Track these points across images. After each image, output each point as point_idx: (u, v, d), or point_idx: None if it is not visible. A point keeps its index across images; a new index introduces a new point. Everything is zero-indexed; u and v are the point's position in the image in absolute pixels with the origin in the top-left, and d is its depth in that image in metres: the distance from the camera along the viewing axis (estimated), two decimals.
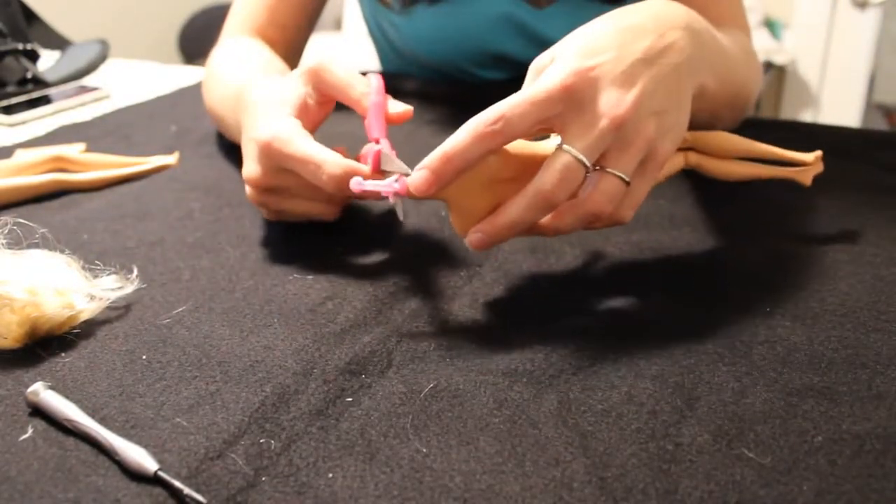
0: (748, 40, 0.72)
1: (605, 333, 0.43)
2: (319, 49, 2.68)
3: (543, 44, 0.82)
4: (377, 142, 0.50)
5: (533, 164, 0.43)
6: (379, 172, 0.48)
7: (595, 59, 0.42)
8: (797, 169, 0.55)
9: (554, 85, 0.41)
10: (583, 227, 0.45)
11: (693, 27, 0.47)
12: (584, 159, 0.41)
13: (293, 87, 0.53)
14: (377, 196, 0.45)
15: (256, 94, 0.55)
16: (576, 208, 0.43)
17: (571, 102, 0.41)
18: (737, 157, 0.55)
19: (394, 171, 0.46)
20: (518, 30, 0.83)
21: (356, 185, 0.43)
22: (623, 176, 0.43)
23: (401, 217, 0.47)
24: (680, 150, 0.54)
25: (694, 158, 0.54)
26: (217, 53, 0.77)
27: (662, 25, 0.45)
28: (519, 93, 0.42)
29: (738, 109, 0.65)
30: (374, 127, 0.51)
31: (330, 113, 0.56)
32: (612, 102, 0.41)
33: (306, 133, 0.50)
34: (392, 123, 0.53)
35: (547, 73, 0.43)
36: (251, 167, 0.52)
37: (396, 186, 0.43)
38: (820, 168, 0.56)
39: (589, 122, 0.41)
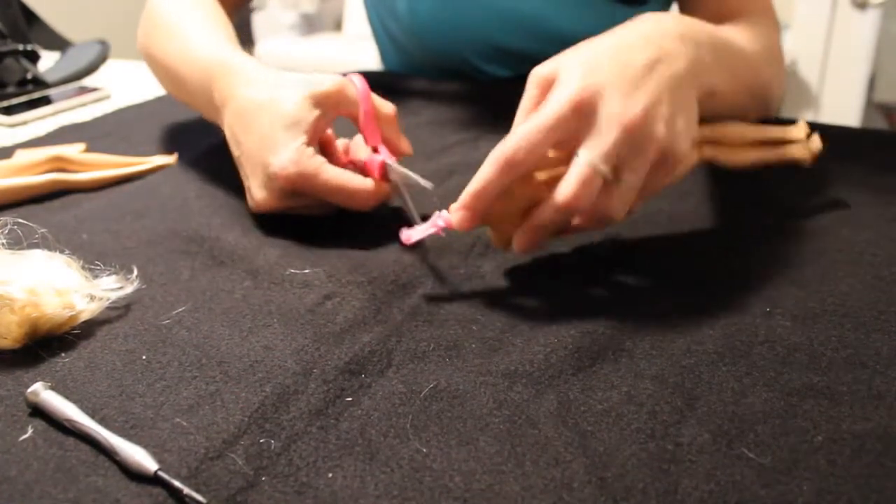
0: (771, 31, 0.71)
1: (605, 333, 0.43)
2: (320, 50, 2.68)
3: (546, 36, 0.83)
4: (376, 149, 0.54)
5: None
6: (386, 180, 0.52)
7: (599, 75, 0.44)
8: (796, 147, 0.58)
9: (564, 105, 0.43)
10: (598, 229, 0.48)
11: (687, 36, 0.49)
12: (602, 168, 0.43)
13: (302, 106, 0.52)
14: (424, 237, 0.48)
15: (253, 97, 0.54)
16: (592, 215, 0.45)
17: (583, 118, 0.43)
18: (747, 144, 0.57)
19: (398, 179, 0.51)
20: (521, 21, 0.83)
21: (406, 239, 0.46)
22: (633, 185, 0.44)
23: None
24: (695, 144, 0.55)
25: (709, 152, 0.55)
26: None
27: (656, 39, 0.47)
28: (533, 118, 0.44)
29: (759, 103, 0.65)
30: (370, 135, 0.54)
31: None
32: (622, 110, 0.43)
33: (324, 160, 0.52)
34: (383, 126, 0.56)
35: (554, 93, 0.44)
36: (261, 194, 0.53)
37: (441, 224, 0.47)
38: (818, 145, 0.58)
39: (603, 132, 0.43)
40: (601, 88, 0.43)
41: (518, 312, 0.45)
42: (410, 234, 0.46)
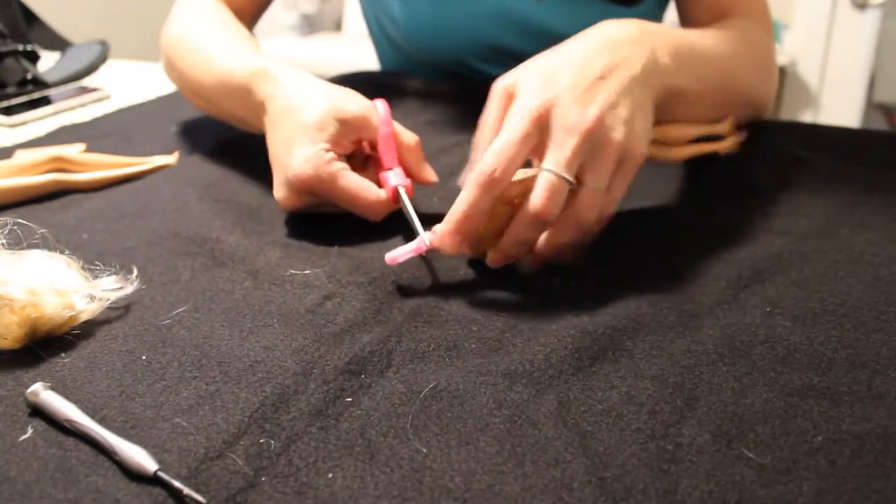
0: (761, 34, 0.71)
1: (605, 333, 0.43)
2: (320, 50, 2.68)
3: (543, 36, 0.82)
4: (392, 170, 0.55)
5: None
6: (395, 202, 0.54)
7: (555, 87, 0.47)
8: (722, 143, 0.66)
9: (525, 121, 0.46)
10: (577, 239, 0.48)
11: (644, 40, 0.51)
12: (564, 174, 0.45)
13: (325, 118, 0.54)
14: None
15: (283, 101, 0.56)
16: (565, 222, 0.47)
17: (543, 130, 0.46)
18: (684, 142, 0.63)
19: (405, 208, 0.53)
20: (517, 21, 0.83)
21: (391, 260, 0.47)
22: (599, 186, 0.46)
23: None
24: None
25: (652, 150, 0.60)
26: (184, 12, 0.74)
27: (614, 45, 0.50)
28: (501, 136, 0.46)
29: (742, 105, 0.66)
30: (387, 157, 0.56)
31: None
32: (578, 118, 0.45)
33: (344, 165, 0.54)
34: (405, 154, 0.57)
35: (513, 108, 0.47)
36: (284, 194, 0.55)
37: (426, 244, 0.47)
38: (741, 137, 0.67)
39: (561, 141, 0.45)
40: (556, 100, 0.46)
41: (518, 312, 0.45)
42: (395, 256, 0.46)
